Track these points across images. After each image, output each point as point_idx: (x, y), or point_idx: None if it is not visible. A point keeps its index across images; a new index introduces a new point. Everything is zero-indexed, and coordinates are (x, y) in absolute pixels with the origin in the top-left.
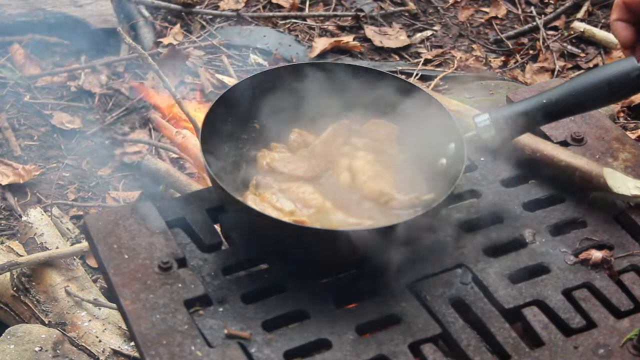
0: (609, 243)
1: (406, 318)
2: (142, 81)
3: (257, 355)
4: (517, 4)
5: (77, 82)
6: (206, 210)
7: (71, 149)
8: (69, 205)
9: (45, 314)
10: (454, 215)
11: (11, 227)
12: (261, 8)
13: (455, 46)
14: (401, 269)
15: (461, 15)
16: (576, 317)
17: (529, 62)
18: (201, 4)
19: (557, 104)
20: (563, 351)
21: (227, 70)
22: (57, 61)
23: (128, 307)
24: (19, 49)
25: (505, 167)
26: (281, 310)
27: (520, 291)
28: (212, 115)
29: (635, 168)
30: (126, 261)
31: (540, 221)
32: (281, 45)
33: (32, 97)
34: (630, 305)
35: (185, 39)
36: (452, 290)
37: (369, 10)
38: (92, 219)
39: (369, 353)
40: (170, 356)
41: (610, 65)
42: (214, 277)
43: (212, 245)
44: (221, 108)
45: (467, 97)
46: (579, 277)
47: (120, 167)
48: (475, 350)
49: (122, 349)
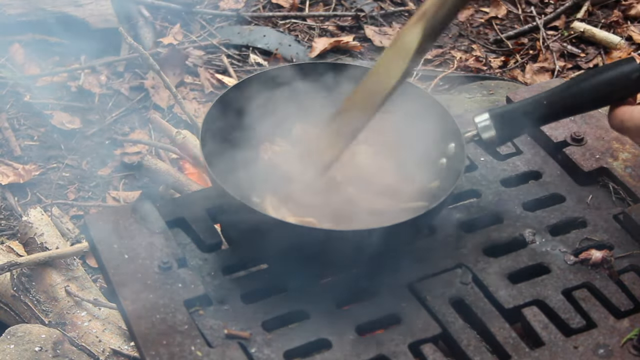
0: (609, 243)
1: (406, 318)
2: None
3: (257, 355)
4: (517, 4)
5: (77, 82)
6: (206, 210)
7: (71, 149)
8: (69, 205)
9: (45, 314)
10: (454, 215)
11: (11, 227)
12: (261, 8)
13: (455, 46)
14: (402, 268)
15: (461, 15)
16: (576, 317)
17: (529, 62)
18: (201, 4)
19: (557, 105)
20: (563, 351)
21: (227, 70)
22: (57, 61)
23: (128, 307)
24: (19, 49)
25: (506, 166)
26: (281, 310)
27: (520, 291)
28: (212, 116)
29: (636, 168)
30: (126, 261)
31: (540, 221)
32: (281, 45)
33: (32, 97)
34: (630, 305)
35: (185, 38)
36: (452, 290)
37: (369, 10)
38: (92, 219)
39: (369, 353)
40: (170, 356)
41: (610, 66)
42: (214, 277)
43: (212, 245)
44: (220, 108)
45: (467, 97)
46: (579, 277)
47: (120, 167)
48: (475, 350)
49: (122, 349)
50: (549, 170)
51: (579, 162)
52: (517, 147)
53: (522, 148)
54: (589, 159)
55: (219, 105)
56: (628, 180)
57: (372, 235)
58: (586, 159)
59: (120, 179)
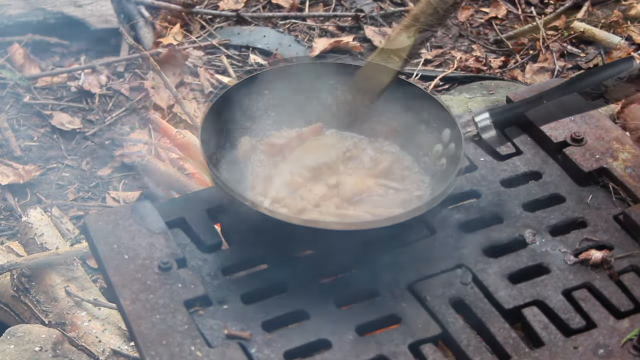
0: (609, 243)
1: (406, 318)
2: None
3: (257, 355)
4: (517, 4)
5: (77, 83)
6: (206, 210)
7: (71, 150)
8: (69, 206)
9: (45, 314)
10: (454, 215)
11: (11, 227)
12: (261, 8)
13: (455, 46)
14: (402, 268)
15: (461, 15)
16: (576, 317)
17: (528, 62)
18: (201, 4)
19: (556, 104)
20: (563, 351)
21: (226, 70)
22: (57, 61)
23: (128, 307)
24: (19, 49)
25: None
26: (281, 310)
27: (520, 291)
28: (211, 116)
29: (635, 168)
30: (126, 261)
31: (540, 221)
32: (281, 46)
33: (32, 98)
34: (630, 306)
35: (185, 39)
36: (452, 290)
37: (369, 11)
38: (92, 219)
39: (369, 353)
40: (170, 356)
41: (609, 65)
42: (213, 277)
43: (212, 245)
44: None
45: (467, 97)
46: (579, 277)
47: (120, 168)
48: (475, 350)
49: (122, 349)
50: (549, 170)
51: (579, 162)
52: (517, 147)
53: (522, 148)
54: (589, 159)
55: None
56: (628, 180)
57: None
58: (586, 159)
59: (120, 179)
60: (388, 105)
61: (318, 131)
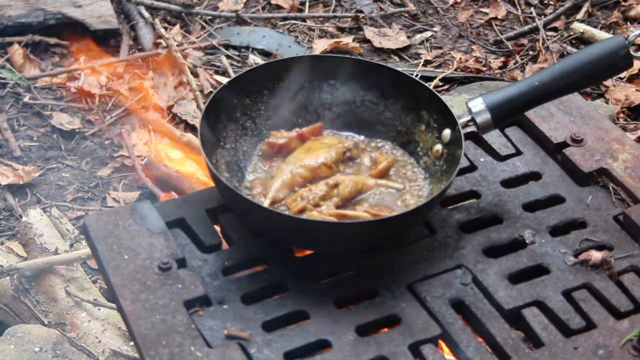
0: (609, 244)
1: (406, 319)
2: None
3: (257, 355)
4: (516, 5)
5: (76, 83)
6: (206, 210)
7: (71, 150)
8: (69, 206)
9: (45, 314)
10: (454, 215)
11: (11, 227)
12: (260, 9)
13: (455, 47)
14: (402, 269)
15: (461, 16)
16: (576, 317)
17: (528, 63)
18: (200, 5)
19: (549, 85)
20: (563, 352)
21: (226, 70)
22: (57, 62)
23: (128, 307)
24: (19, 50)
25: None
26: (281, 310)
27: (520, 292)
28: (211, 115)
29: (635, 169)
30: (126, 262)
31: (540, 222)
32: (281, 46)
33: (31, 98)
34: (630, 306)
35: (184, 39)
36: (452, 291)
37: (369, 11)
38: (92, 220)
39: (369, 354)
40: (170, 356)
41: (598, 44)
42: (213, 277)
43: (211, 245)
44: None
45: (467, 97)
46: (579, 277)
47: (120, 168)
48: (475, 350)
49: (122, 350)
50: (548, 171)
51: (579, 162)
52: (517, 147)
53: (522, 149)
54: (588, 160)
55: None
56: (628, 181)
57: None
58: (586, 159)
59: (120, 180)
60: (388, 105)
61: (318, 131)
